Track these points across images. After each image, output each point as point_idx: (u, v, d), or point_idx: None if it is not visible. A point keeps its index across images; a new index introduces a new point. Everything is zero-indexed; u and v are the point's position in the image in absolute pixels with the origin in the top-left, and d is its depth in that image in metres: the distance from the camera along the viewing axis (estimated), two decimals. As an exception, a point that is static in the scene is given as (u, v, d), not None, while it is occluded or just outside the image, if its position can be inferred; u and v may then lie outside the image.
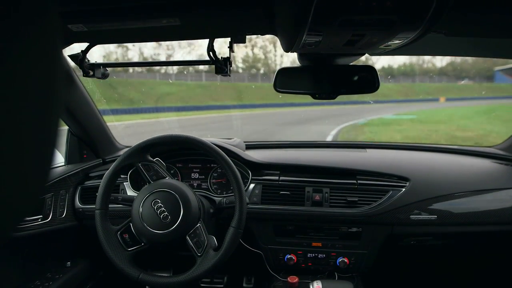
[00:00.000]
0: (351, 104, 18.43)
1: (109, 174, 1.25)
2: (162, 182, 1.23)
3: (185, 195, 1.20)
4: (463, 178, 1.48)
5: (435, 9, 0.59)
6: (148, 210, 1.17)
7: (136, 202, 1.20)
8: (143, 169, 1.26)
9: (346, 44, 0.81)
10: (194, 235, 1.17)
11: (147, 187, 1.23)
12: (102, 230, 1.19)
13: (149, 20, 0.81)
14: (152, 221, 1.16)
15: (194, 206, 1.20)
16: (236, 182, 1.21)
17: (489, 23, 0.82)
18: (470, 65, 30.20)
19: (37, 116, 0.25)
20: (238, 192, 1.21)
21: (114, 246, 1.19)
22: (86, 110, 1.58)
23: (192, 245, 1.16)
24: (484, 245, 1.74)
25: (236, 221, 1.19)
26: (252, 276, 1.87)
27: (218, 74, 1.12)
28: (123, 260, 1.17)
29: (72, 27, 0.84)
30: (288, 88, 1.13)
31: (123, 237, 1.21)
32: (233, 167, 1.24)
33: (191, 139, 1.27)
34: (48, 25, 0.25)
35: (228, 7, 0.75)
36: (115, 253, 1.17)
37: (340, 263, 1.45)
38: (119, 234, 1.21)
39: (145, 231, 1.16)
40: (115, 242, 1.19)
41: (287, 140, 2.03)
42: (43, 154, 0.27)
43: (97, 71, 1.22)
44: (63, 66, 0.29)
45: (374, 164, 1.54)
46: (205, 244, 1.17)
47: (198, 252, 1.16)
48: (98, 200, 1.23)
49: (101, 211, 1.22)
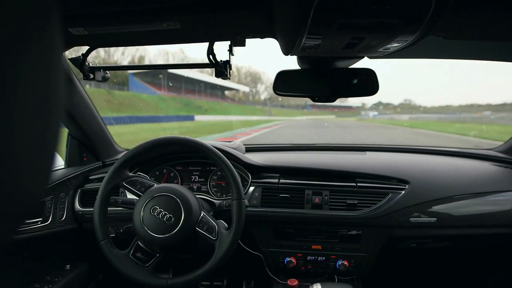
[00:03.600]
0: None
1: (98, 203, 1.23)
2: (152, 190, 1.23)
3: (179, 192, 1.21)
4: (462, 181, 1.48)
5: (434, 12, 0.59)
6: (151, 219, 1.17)
7: (136, 218, 1.19)
8: (129, 186, 1.26)
9: (345, 47, 0.81)
10: (202, 224, 1.19)
11: (140, 199, 1.22)
12: (114, 259, 1.18)
13: (149, 24, 0.81)
14: (157, 227, 1.16)
15: (192, 200, 1.21)
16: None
17: (487, 26, 0.82)
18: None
19: (37, 119, 0.25)
20: (231, 175, 1.23)
21: (132, 268, 1.17)
22: (86, 113, 1.58)
23: (204, 233, 1.18)
24: (484, 247, 1.73)
25: (234, 193, 1.20)
26: (251, 279, 1.87)
27: (218, 77, 1.13)
28: (146, 276, 1.16)
29: (73, 30, 0.84)
30: (287, 91, 1.13)
31: (136, 257, 1.19)
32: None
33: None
34: (49, 28, 0.25)
35: (228, 10, 0.76)
36: (136, 274, 1.16)
37: (339, 266, 1.44)
38: (131, 255, 1.20)
39: (155, 240, 1.16)
40: (131, 264, 1.18)
41: (286, 143, 2.03)
42: (44, 156, 0.27)
43: (97, 74, 1.22)
44: (64, 69, 0.29)
45: (373, 166, 1.54)
46: (216, 228, 1.19)
47: (212, 236, 1.18)
48: (97, 232, 1.20)
49: (105, 242, 1.20)
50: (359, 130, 20.45)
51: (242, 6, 0.74)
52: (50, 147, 0.28)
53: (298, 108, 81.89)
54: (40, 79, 0.25)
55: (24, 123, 0.24)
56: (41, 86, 0.25)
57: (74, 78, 1.44)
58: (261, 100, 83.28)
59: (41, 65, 0.25)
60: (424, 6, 0.58)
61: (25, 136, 0.24)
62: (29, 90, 0.24)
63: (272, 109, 70.42)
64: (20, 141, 0.24)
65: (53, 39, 0.26)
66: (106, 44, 1.11)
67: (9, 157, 0.23)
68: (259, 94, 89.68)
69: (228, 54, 1.09)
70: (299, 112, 75.56)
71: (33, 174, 0.26)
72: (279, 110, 72.38)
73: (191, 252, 1.35)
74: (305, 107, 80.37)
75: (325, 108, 76.14)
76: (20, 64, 0.23)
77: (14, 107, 0.22)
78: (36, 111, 0.25)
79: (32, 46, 0.23)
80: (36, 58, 0.24)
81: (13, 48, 0.22)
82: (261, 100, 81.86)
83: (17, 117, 0.23)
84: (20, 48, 0.22)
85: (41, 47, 0.24)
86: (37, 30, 0.24)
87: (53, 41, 0.26)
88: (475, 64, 4.98)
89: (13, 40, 0.22)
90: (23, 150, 0.24)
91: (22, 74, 0.23)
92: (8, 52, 0.21)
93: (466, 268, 1.87)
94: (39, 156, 0.26)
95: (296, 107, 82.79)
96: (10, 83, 0.22)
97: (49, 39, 0.25)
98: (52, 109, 0.27)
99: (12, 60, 0.22)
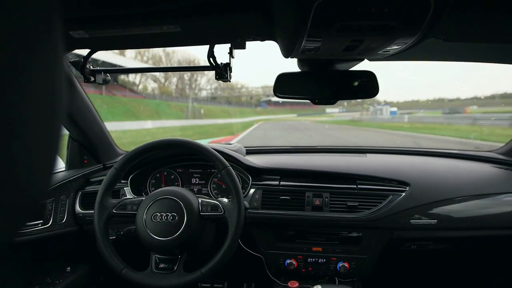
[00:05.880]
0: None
1: (101, 241, 1.22)
2: (144, 201, 1.24)
3: (171, 191, 1.24)
4: (463, 183, 1.48)
5: (433, 14, 0.59)
6: (157, 226, 1.18)
7: (144, 237, 1.19)
8: (121, 211, 1.27)
9: (345, 50, 0.81)
10: (205, 208, 1.23)
11: (138, 214, 1.23)
12: (143, 280, 1.17)
13: (150, 27, 0.81)
14: (166, 231, 1.17)
15: (185, 192, 1.24)
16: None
17: (488, 28, 0.82)
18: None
19: (39, 122, 0.25)
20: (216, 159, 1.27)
21: (162, 279, 1.17)
22: (87, 115, 1.58)
23: (211, 214, 1.22)
24: (484, 249, 1.73)
25: (218, 164, 1.26)
26: (252, 281, 1.87)
27: (218, 80, 1.13)
28: (179, 279, 1.16)
29: (74, 33, 0.84)
30: (287, 94, 1.13)
31: (160, 268, 1.20)
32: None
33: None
34: (51, 32, 0.25)
35: (228, 13, 0.76)
36: (170, 282, 1.16)
37: (340, 268, 1.44)
38: (155, 269, 1.20)
39: (169, 244, 1.17)
40: (160, 276, 1.18)
41: (287, 145, 2.03)
42: (45, 159, 0.27)
43: (98, 77, 1.23)
44: (65, 72, 0.29)
45: (374, 169, 1.54)
46: (218, 204, 1.23)
47: (220, 214, 1.21)
48: (112, 265, 1.20)
49: (125, 270, 1.19)
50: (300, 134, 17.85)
51: (242, 9, 0.74)
52: (51, 149, 0.28)
53: (249, 106, 64.18)
54: (41, 82, 0.25)
55: (26, 125, 0.24)
56: (42, 88, 0.25)
57: (75, 81, 1.44)
58: (201, 96, 61.28)
59: (42, 68, 0.25)
60: (423, 8, 0.58)
61: (27, 138, 0.24)
62: (31, 92, 0.24)
63: (207, 106, 48.14)
64: (22, 144, 0.24)
65: (55, 43, 0.26)
66: (107, 47, 1.11)
67: (10, 159, 0.23)
68: (198, 86, 64.96)
69: (229, 57, 1.09)
70: (249, 112, 56.83)
71: (34, 176, 0.27)
72: (223, 108, 50.80)
73: (209, 241, 1.38)
74: (259, 105, 66.81)
75: (284, 105, 64.94)
76: (22, 67, 0.23)
77: (16, 110, 0.23)
78: (38, 113, 0.25)
79: (34, 49, 0.23)
80: (37, 61, 0.24)
81: (15, 51, 0.22)
82: (202, 97, 60.14)
83: (18, 119, 0.23)
84: (22, 52, 0.22)
85: (43, 50, 0.24)
86: (39, 34, 0.24)
87: (55, 44, 0.26)
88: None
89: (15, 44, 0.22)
90: (24, 153, 0.24)
91: (23, 77, 0.23)
92: (10, 55, 0.22)
93: (466, 270, 1.86)
94: (41, 159, 0.27)
95: (247, 104, 65.40)
96: (12, 86, 0.22)
97: (51, 42, 0.25)
98: (53, 111, 0.27)
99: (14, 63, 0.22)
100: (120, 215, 1.26)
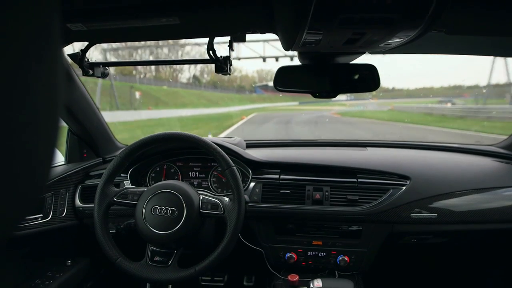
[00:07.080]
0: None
1: (99, 228, 1.22)
2: (146, 192, 1.24)
3: (172, 185, 1.23)
4: (463, 177, 1.48)
5: (436, 7, 0.58)
6: (155, 219, 1.18)
7: (141, 226, 1.19)
8: (121, 200, 1.26)
9: (346, 43, 0.80)
10: (205, 205, 1.22)
11: (138, 205, 1.23)
12: (135, 271, 1.18)
13: (148, 19, 0.80)
14: (164, 225, 1.17)
15: (187, 188, 1.24)
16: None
17: (491, 21, 0.81)
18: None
19: (37, 115, 0.25)
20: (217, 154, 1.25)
21: (156, 272, 1.18)
22: (86, 109, 1.58)
23: (210, 212, 1.21)
24: (484, 243, 1.74)
25: (222, 163, 1.24)
26: (252, 274, 1.88)
27: (218, 73, 1.12)
28: (172, 274, 1.17)
29: (71, 26, 0.84)
30: (288, 87, 1.13)
31: (155, 261, 1.20)
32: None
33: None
34: (48, 24, 0.25)
35: (228, 6, 0.75)
36: (162, 275, 1.17)
37: (340, 262, 1.44)
38: (150, 261, 1.20)
39: (165, 238, 1.17)
40: (153, 269, 1.19)
41: (287, 139, 2.03)
42: (44, 153, 0.27)
43: (96, 70, 1.22)
44: (63, 65, 0.29)
45: (374, 162, 1.54)
46: (218, 203, 1.22)
47: (220, 213, 1.21)
48: (108, 253, 1.20)
49: (120, 259, 1.20)
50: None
51: (242, 1, 0.73)
52: (50, 143, 0.28)
53: (242, 92, 56.48)
54: (39, 75, 0.24)
55: (24, 118, 0.23)
56: (40, 82, 0.25)
57: (73, 74, 1.43)
58: (181, 80, 50.41)
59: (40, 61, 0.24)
60: (426, 0, 0.57)
61: (25, 132, 0.24)
62: (29, 85, 0.23)
63: (187, 90, 38.74)
64: (20, 137, 0.24)
65: (53, 35, 0.25)
66: (105, 39, 1.10)
67: (8, 153, 0.23)
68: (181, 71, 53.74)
69: (228, 50, 1.08)
70: (244, 98, 49.93)
71: (33, 170, 0.26)
72: (210, 93, 41.94)
73: (209, 236, 1.38)
74: (254, 91, 59.05)
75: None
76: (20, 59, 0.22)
77: (13, 103, 0.22)
78: (36, 106, 0.25)
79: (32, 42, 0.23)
80: (35, 54, 0.24)
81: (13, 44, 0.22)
82: (184, 82, 49.40)
83: (16, 112, 0.23)
84: (20, 44, 0.22)
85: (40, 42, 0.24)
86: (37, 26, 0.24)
87: (53, 37, 0.25)
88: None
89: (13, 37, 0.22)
90: (23, 146, 0.24)
91: (21, 70, 0.23)
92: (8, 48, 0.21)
93: (466, 263, 1.87)
94: (39, 152, 0.26)
95: (238, 90, 56.13)
96: (10, 78, 0.22)
97: (49, 35, 0.25)
98: (51, 104, 0.27)
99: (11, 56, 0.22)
100: (120, 203, 1.26)
